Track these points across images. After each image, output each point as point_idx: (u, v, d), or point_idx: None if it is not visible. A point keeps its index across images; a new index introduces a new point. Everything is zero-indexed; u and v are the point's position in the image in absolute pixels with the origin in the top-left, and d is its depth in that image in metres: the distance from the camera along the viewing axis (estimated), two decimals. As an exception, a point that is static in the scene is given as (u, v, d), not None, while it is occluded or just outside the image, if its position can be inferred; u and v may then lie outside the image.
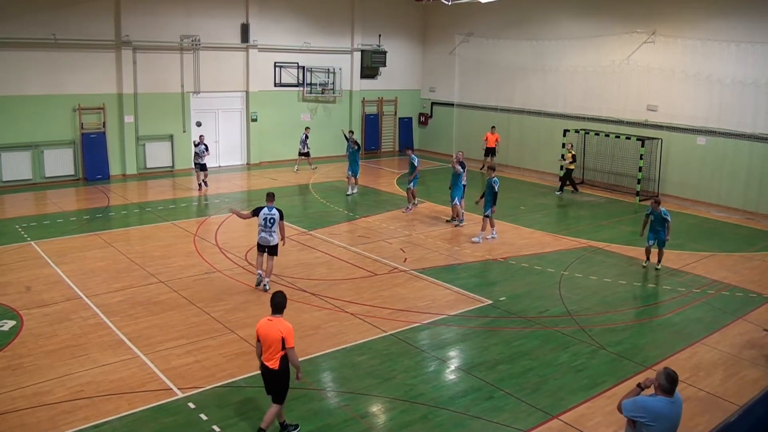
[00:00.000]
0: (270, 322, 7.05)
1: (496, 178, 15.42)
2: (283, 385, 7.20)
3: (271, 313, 7.14)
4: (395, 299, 11.81)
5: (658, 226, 13.52)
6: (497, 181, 15.39)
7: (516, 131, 25.42)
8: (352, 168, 20.32)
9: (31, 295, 11.46)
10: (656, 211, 13.48)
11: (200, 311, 10.96)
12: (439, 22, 28.48)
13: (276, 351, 7.00)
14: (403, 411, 8.13)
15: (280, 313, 7.12)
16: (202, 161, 20.11)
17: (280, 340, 6.94)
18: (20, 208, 17.66)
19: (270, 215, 11.54)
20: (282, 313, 7.13)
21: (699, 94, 20.08)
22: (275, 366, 7.04)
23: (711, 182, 20.10)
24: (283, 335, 6.93)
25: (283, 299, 7.17)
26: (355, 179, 20.49)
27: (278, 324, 7.00)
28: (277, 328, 6.97)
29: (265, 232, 11.59)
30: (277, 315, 7.10)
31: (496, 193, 15.31)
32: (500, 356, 9.68)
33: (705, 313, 11.69)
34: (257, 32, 24.17)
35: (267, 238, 11.63)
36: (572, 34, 23.17)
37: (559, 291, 12.50)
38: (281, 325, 6.98)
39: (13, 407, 7.86)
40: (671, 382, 5.58)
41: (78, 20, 20.41)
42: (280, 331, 6.95)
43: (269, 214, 11.55)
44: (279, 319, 7.06)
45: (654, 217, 13.55)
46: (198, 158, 20.13)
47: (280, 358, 7.02)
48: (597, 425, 7.91)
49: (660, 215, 13.45)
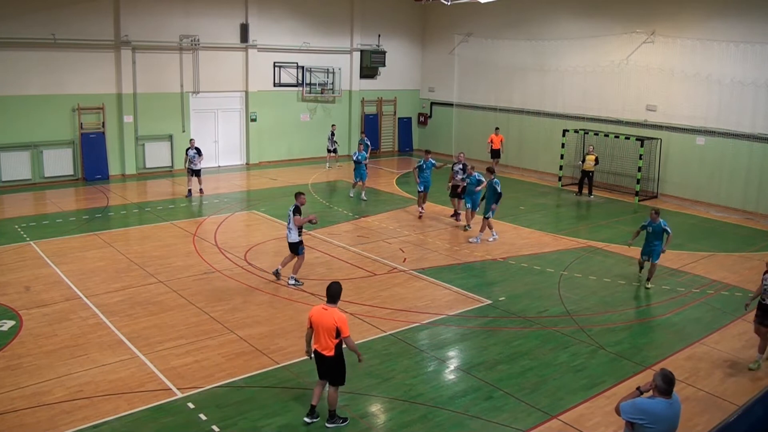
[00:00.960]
0: (325, 311, 7.45)
1: (497, 179, 15.37)
2: (339, 369, 7.63)
3: (326, 302, 7.55)
4: (394, 299, 11.81)
5: (655, 239, 12.55)
6: (498, 182, 15.31)
7: (515, 131, 25.42)
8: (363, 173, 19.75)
9: (31, 295, 11.46)
10: (655, 223, 12.45)
11: (199, 311, 10.96)
12: (439, 22, 28.48)
13: (330, 338, 7.41)
14: (402, 411, 8.14)
15: (335, 303, 7.52)
16: (195, 167, 19.40)
17: (334, 329, 7.35)
18: (19, 208, 17.65)
19: (288, 212, 12.16)
20: (336, 303, 7.53)
21: (698, 94, 20.10)
22: (331, 353, 7.46)
23: (710, 182, 20.11)
24: (337, 325, 7.34)
25: (338, 289, 7.58)
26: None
27: (333, 313, 7.40)
28: (332, 318, 7.36)
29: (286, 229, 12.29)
30: (332, 305, 7.50)
31: (500, 194, 15.21)
32: (499, 356, 9.69)
33: (704, 313, 11.70)
34: (256, 32, 24.17)
35: (287, 234, 12.25)
36: (571, 34, 23.18)
37: (559, 291, 12.50)
38: (335, 315, 7.39)
39: (12, 407, 7.86)
40: (668, 383, 5.58)
41: (77, 20, 20.41)
42: (335, 320, 7.35)
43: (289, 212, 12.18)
44: (334, 309, 7.46)
45: (652, 229, 12.53)
46: (191, 164, 19.33)
47: (335, 346, 7.44)
48: (596, 425, 7.92)
49: (660, 227, 12.45)
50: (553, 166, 23.01)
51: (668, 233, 12.52)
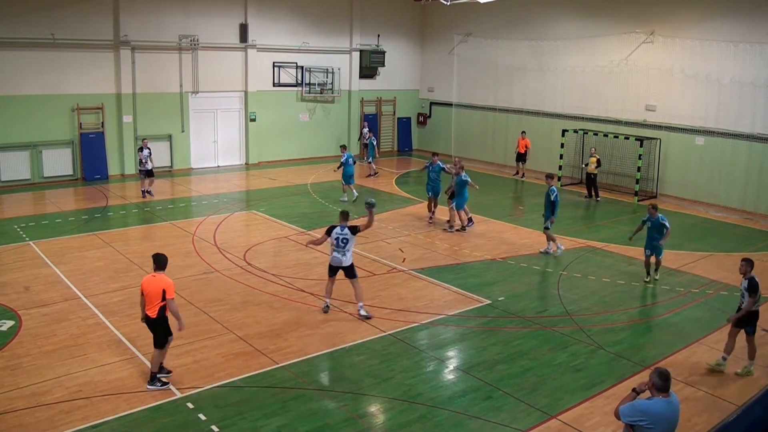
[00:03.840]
0: (153, 278, 8.23)
1: (554, 187, 14.51)
2: (161, 331, 8.36)
3: (155, 270, 8.31)
4: (394, 299, 11.81)
5: (655, 233, 12.75)
6: (555, 190, 14.44)
7: (514, 131, 25.40)
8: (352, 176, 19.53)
9: (30, 295, 11.45)
10: (653, 218, 12.69)
11: (199, 311, 10.95)
12: (438, 22, 28.48)
13: (156, 301, 8.18)
14: (401, 411, 8.13)
15: (162, 269, 8.30)
16: (147, 167, 19.03)
17: (161, 292, 8.13)
18: (19, 208, 17.64)
19: (342, 235, 10.69)
20: (164, 270, 8.30)
21: (697, 94, 20.10)
22: (154, 315, 8.23)
23: (709, 182, 20.11)
24: (164, 287, 8.14)
25: (165, 258, 8.38)
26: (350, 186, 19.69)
27: (161, 279, 8.19)
28: (161, 282, 8.16)
29: (337, 251, 10.77)
30: (160, 272, 8.27)
31: (554, 203, 14.32)
32: (499, 356, 9.69)
33: (704, 312, 11.70)
34: (256, 32, 24.16)
35: (340, 258, 10.77)
36: (571, 34, 23.18)
37: (558, 291, 12.50)
38: (163, 280, 8.18)
39: (11, 407, 7.85)
40: (664, 380, 5.59)
41: (76, 20, 20.40)
42: (163, 284, 8.15)
43: (341, 234, 10.70)
44: (161, 275, 8.23)
45: (651, 224, 12.78)
46: (142, 165, 19.04)
47: (159, 308, 8.19)
48: (595, 425, 7.91)
49: (658, 221, 12.68)
50: (553, 166, 22.99)
51: (667, 227, 12.70)
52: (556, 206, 14.39)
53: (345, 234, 10.65)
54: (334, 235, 10.70)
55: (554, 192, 14.37)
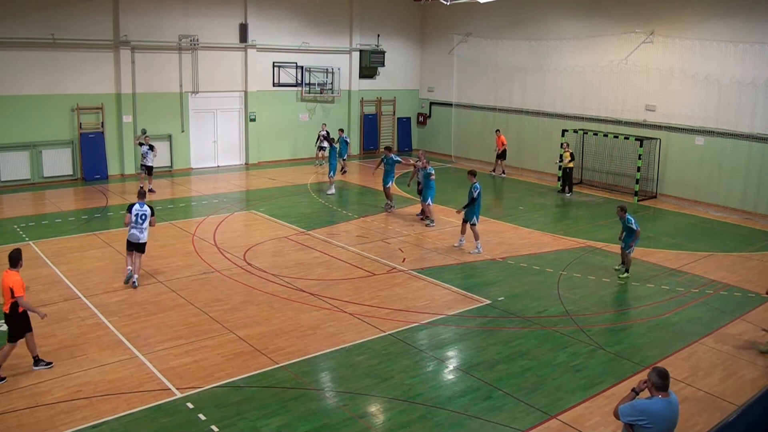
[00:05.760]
0: (5, 274, 8.40)
1: (476, 184, 14.43)
2: (11, 326, 8.50)
3: (9, 267, 8.44)
4: (393, 299, 11.80)
5: (627, 234, 12.97)
6: (478, 187, 14.43)
7: (514, 131, 25.41)
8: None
9: (30, 295, 11.39)
10: (621, 219, 12.83)
11: (198, 311, 10.95)
12: (438, 22, 28.48)
13: (6, 297, 8.33)
14: (401, 411, 8.13)
15: (14, 267, 8.44)
16: (148, 163, 19.10)
17: (9, 289, 8.29)
18: (18, 208, 17.63)
19: (142, 211, 11.80)
20: (16, 268, 8.44)
21: (697, 94, 20.09)
22: (6, 310, 8.40)
23: (709, 182, 20.11)
24: (11, 286, 8.29)
25: (17, 255, 8.50)
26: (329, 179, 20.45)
27: (9, 276, 8.34)
28: (8, 280, 8.31)
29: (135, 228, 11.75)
30: (13, 269, 8.42)
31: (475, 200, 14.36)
32: (498, 356, 9.69)
33: (703, 312, 11.70)
34: (256, 32, 24.16)
35: (137, 235, 11.78)
36: (570, 34, 23.19)
37: (558, 291, 12.50)
38: (11, 278, 8.34)
39: (11, 407, 7.85)
40: (663, 378, 5.60)
41: (76, 20, 20.39)
42: (10, 282, 8.30)
43: (141, 210, 11.80)
44: (10, 272, 8.38)
45: (622, 225, 12.98)
46: (144, 160, 19.14)
47: (10, 304, 8.34)
48: (595, 425, 7.91)
49: (624, 223, 12.82)
50: (553, 166, 23.01)
51: (633, 229, 12.75)
52: (478, 202, 14.50)
53: (144, 210, 11.77)
54: (134, 211, 11.76)
55: (477, 189, 14.47)
